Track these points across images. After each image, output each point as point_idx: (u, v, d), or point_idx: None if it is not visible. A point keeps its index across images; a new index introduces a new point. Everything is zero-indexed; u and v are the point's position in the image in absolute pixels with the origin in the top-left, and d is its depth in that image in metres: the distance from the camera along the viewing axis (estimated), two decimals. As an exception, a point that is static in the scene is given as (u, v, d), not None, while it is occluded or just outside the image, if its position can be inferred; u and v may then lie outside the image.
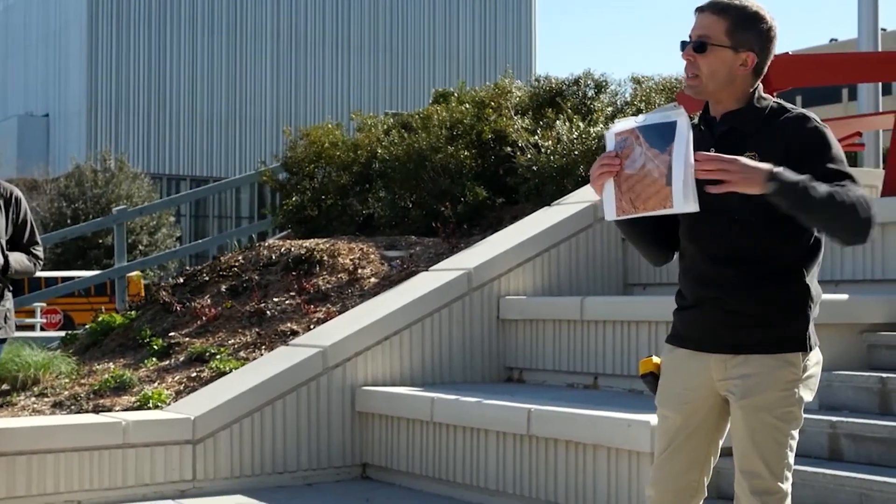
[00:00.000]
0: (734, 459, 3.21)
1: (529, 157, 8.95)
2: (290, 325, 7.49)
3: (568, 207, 7.64)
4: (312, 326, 7.32)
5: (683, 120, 3.02)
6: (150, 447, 6.08)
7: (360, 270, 8.07)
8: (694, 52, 3.16)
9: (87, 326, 8.95)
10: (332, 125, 11.36)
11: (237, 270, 8.67)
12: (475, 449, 6.04)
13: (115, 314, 8.97)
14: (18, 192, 5.56)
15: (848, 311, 5.65)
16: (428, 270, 7.50)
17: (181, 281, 9.02)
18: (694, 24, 3.20)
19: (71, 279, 23.81)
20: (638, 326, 6.44)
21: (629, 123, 3.11)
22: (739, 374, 3.15)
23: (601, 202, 3.20)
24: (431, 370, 6.93)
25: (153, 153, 50.73)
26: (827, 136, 3.11)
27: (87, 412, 6.67)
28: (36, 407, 7.00)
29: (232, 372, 6.85)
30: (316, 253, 8.40)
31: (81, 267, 35.23)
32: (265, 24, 52.97)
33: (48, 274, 29.26)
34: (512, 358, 7.20)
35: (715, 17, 3.16)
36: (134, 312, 8.79)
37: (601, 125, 9.11)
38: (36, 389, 7.36)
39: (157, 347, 7.72)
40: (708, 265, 3.21)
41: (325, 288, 7.92)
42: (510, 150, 9.30)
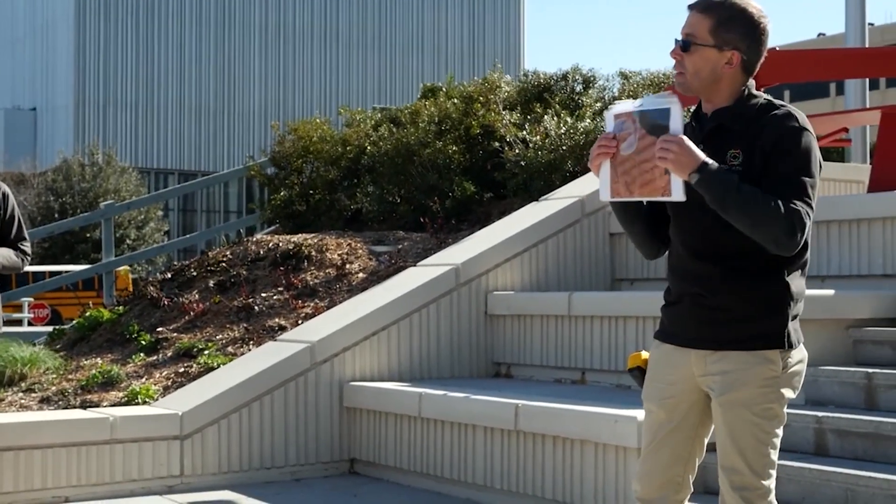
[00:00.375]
0: (717, 455, 3.24)
1: (517, 152, 8.95)
2: (277, 320, 7.49)
3: (556, 203, 7.65)
4: (300, 322, 7.32)
5: (677, 108, 3.06)
6: (137, 443, 6.08)
7: (348, 265, 8.07)
8: (680, 50, 3.18)
9: (74, 321, 8.93)
10: (320, 120, 11.36)
11: (225, 265, 8.67)
12: (463, 444, 6.05)
13: (102, 309, 8.95)
14: (6, 187, 5.54)
15: (834, 306, 5.68)
16: (416, 266, 7.50)
17: (169, 276, 9.01)
18: (685, 22, 3.22)
19: (58, 274, 23.75)
20: (625, 322, 6.45)
21: (627, 106, 3.15)
22: (718, 370, 3.18)
23: (593, 198, 3.23)
24: (419, 365, 6.94)
25: (141, 147, 50.62)
26: (802, 139, 3.10)
27: (74, 408, 6.66)
28: (23, 402, 6.99)
29: (220, 367, 6.85)
30: (304, 248, 8.40)
31: (69, 261, 35.14)
32: (253, 17, 52.87)
33: (36, 268, 29.18)
34: (500, 353, 7.21)
35: (701, 15, 3.18)
36: (122, 308, 8.78)
37: (589, 120, 9.12)
38: (23, 385, 7.35)
39: (144, 343, 7.71)
40: (689, 260, 3.24)
41: (312, 283, 7.92)
42: (498, 145, 9.30)
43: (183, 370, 7.06)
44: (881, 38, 40.84)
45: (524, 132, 9.18)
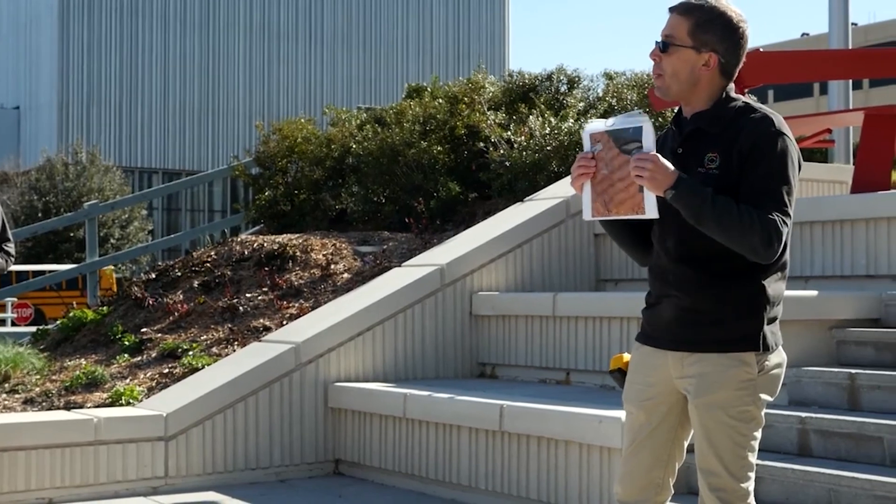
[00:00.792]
0: (695, 457, 3.25)
1: (502, 152, 8.96)
2: (262, 320, 7.49)
3: (540, 203, 7.66)
4: (285, 322, 7.32)
5: (648, 126, 3.08)
6: (122, 444, 6.06)
7: (332, 266, 8.07)
8: (659, 51, 3.19)
9: (58, 322, 8.91)
10: (304, 120, 11.35)
11: (210, 266, 8.65)
12: (447, 445, 6.05)
13: (86, 309, 8.93)
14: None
15: (817, 306, 5.70)
16: (401, 266, 7.50)
17: (153, 276, 8.99)
18: (665, 24, 3.23)
19: (42, 273, 23.66)
20: (610, 322, 6.46)
21: (600, 126, 3.17)
22: (694, 372, 3.19)
23: (577, 199, 3.25)
24: (404, 366, 6.94)
25: (125, 146, 50.46)
26: (779, 144, 3.12)
27: (58, 409, 6.65)
28: (7, 404, 6.97)
29: (204, 368, 6.84)
30: (289, 248, 8.40)
31: (52, 261, 35.00)
32: (238, 16, 52.77)
33: (19, 268, 29.06)
34: (484, 354, 7.22)
35: (681, 17, 3.19)
36: (106, 308, 8.76)
37: (573, 121, 9.13)
38: (7, 386, 7.33)
39: (128, 343, 7.69)
40: (667, 262, 3.27)
41: (297, 283, 7.92)
42: (483, 145, 9.31)
43: (167, 371, 7.05)
44: (865, 38, 41.02)
45: (509, 132, 9.19)
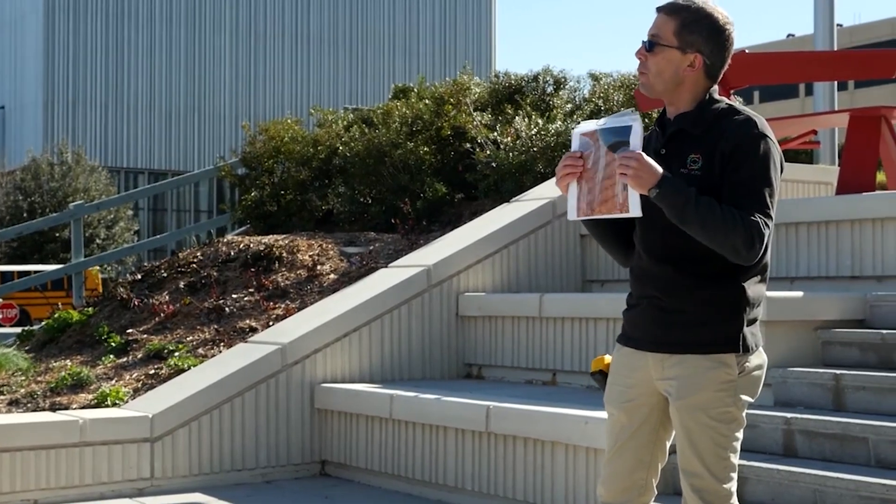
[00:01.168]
0: (678, 459, 3.26)
1: (488, 153, 8.97)
2: (248, 321, 7.48)
3: (527, 204, 7.67)
4: (271, 323, 7.31)
5: (637, 125, 3.08)
6: (107, 445, 6.05)
7: (319, 267, 8.07)
8: (645, 50, 3.21)
9: (43, 322, 8.88)
10: (291, 120, 11.34)
11: (196, 267, 8.64)
12: (434, 446, 6.05)
13: (72, 310, 8.91)
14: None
15: (802, 307, 5.71)
16: (387, 267, 7.50)
17: (139, 277, 8.97)
18: (652, 23, 3.25)
19: (27, 274, 23.58)
20: (596, 323, 6.48)
21: (591, 125, 3.18)
22: (675, 373, 3.20)
23: (563, 199, 3.25)
24: (391, 367, 6.94)
25: (111, 146, 50.31)
26: (761, 146, 3.13)
27: (43, 410, 6.63)
28: (-8, 405, 6.95)
29: (190, 369, 6.83)
30: (275, 249, 8.39)
31: (38, 261, 34.89)
32: (224, 16, 52.68)
33: (4, 268, 28.97)
34: (471, 354, 7.22)
35: (667, 17, 3.21)
36: (91, 309, 8.73)
37: (560, 122, 9.14)
38: (-8, 387, 7.30)
39: (114, 344, 7.67)
40: (647, 263, 3.28)
41: (284, 284, 7.91)
42: (469, 146, 9.32)
43: (153, 372, 7.03)
44: (850, 39, 41.16)
45: (495, 133, 9.20)
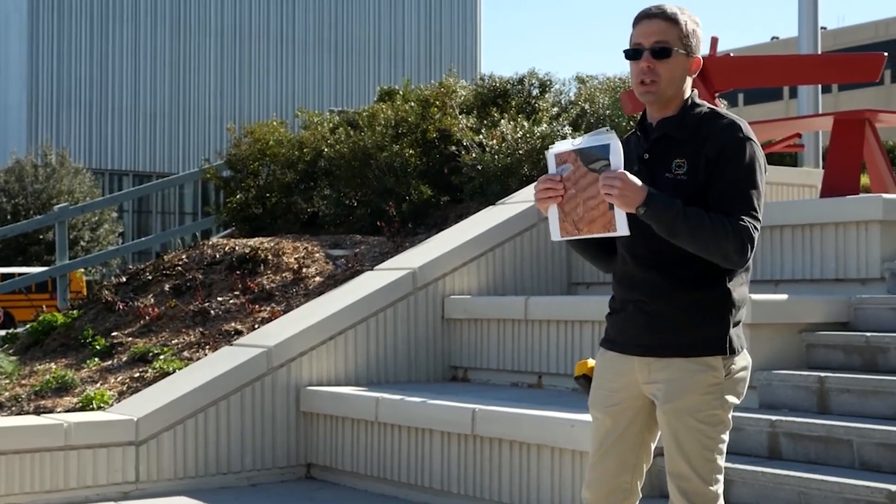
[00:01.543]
0: (665, 462, 3.27)
1: (474, 156, 8.98)
2: (234, 324, 7.47)
3: (512, 207, 7.68)
4: (257, 326, 7.30)
5: (616, 143, 3.09)
6: (92, 449, 6.03)
7: (304, 269, 8.06)
8: (654, 58, 3.20)
9: (28, 325, 8.85)
10: (276, 122, 11.32)
11: (181, 269, 8.62)
12: (420, 449, 6.05)
13: (56, 313, 8.88)
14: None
15: (787, 310, 5.74)
16: (373, 270, 7.50)
17: (124, 280, 8.95)
18: (640, 31, 3.23)
19: (11, 276, 23.50)
20: (581, 326, 6.49)
21: (566, 146, 3.17)
22: (662, 377, 3.21)
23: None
24: (376, 370, 6.94)
25: (95, 148, 50.14)
26: (747, 150, 3.16)
27: (28, 414, 6.60)
28: (-24, 408, 6.92)
29: (175, 372, 6.82)
30: (260, 252, 8.38)
31: (22, 263, 34.75)
32: (209, 18, 52.57)
33: (-13, 270, 28.83)
34: (457, 357, 7.22)
35: (668, 23, 3.22)
36: (76, 311, 8.71)
37: (546, 125, 9.15)
38: (-24, 390, 7.27)
39: (99, 347, 7.65)
40: (632, 268, 3.28)
41: (269, 287, 7.90)
42: (455, 149, 9.32)
43: (138, 375, 7.02)
44: (833, 41, 41.30)
45: (481, 136, 9.20)
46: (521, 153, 8.76)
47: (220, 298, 7.90)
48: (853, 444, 4.82)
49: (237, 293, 7.91)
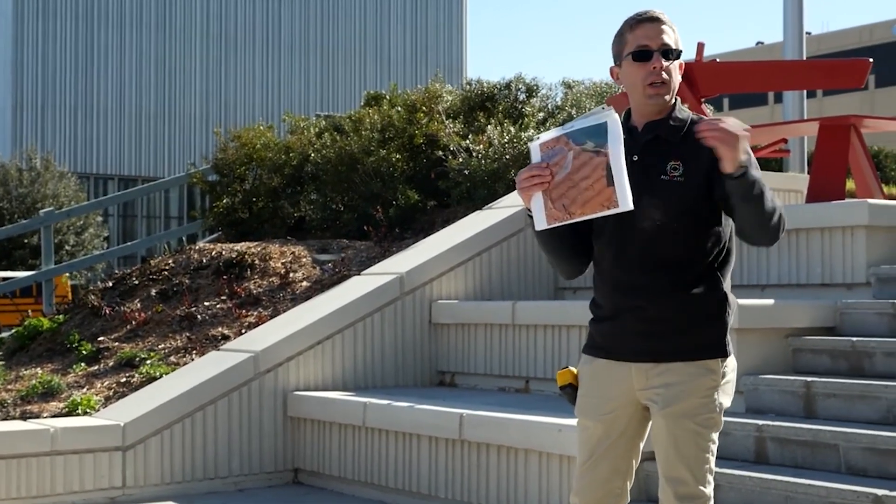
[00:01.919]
0: (658, 466, 3.26)
1: (461, 160, 8.99)
2: (221, 329, 7.46)
3: (499, 211, 7.69)
4: (244, 331, 7.29)
5: (614, 120, 3.04)
6: (79, 454, 6.02)
7: (291, 274, 8.05)
8: (664, 59, 3.22)
9: (13, 330, 8.82)
10: (263, 127, 11.31)
11: (167, 274, 8.61)
12: (407, 454, 6.06)
13: (42, 318, 8.85)
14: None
15: (773, 315, 5.76)
16: (360, 274, 7.50)
17: (110, 284, 8.93)
18: (644, 34, 3.23)
19: (-4, 280, 23.42)
20: (569, 331, 6.50)
21: (554, 133, 3.12)
22: (661, 382, 3.20)
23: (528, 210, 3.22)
24: (364, 374, 6.94)
25: (80, 152, 50.00)
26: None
27: (14, 419, 6.58)
28: (-39, 413, 6.89)
29: (162, 377, 6.80)
30: (247, 256, 8.37)
31: (6, 267, 34.63)
32: (194, 21, 52.49)
33: (-28, 275, 28.72)
34: (444, 362, 7.23)
35: (668, 27, 3.26)
36: (62, 316, 8.68)
37: (532, 129, 9.17)
38: (-39, 395, 7.25)
39: (85, 352, 7.64)
40: (627, 272, 3.23)
41: (256, 292, 7.89)
42: (442, 153, 9.33)
43: (125, 380, 7.00)
44: (818, 47, 41.44)
45: (467, 141, 9.22)
46: (507, 158, 8.77)
47: (206, 303, 7.89)
48: (839, 448, 4.84)
49: (224, 298, 7.90)
